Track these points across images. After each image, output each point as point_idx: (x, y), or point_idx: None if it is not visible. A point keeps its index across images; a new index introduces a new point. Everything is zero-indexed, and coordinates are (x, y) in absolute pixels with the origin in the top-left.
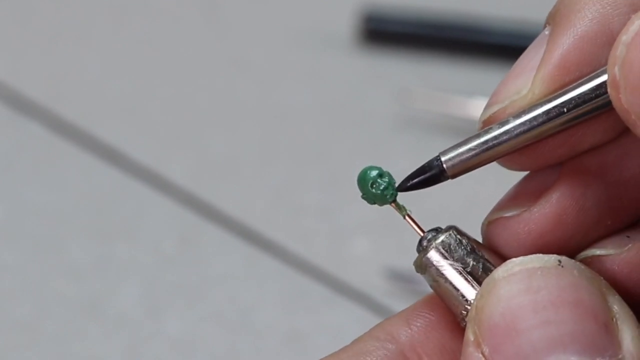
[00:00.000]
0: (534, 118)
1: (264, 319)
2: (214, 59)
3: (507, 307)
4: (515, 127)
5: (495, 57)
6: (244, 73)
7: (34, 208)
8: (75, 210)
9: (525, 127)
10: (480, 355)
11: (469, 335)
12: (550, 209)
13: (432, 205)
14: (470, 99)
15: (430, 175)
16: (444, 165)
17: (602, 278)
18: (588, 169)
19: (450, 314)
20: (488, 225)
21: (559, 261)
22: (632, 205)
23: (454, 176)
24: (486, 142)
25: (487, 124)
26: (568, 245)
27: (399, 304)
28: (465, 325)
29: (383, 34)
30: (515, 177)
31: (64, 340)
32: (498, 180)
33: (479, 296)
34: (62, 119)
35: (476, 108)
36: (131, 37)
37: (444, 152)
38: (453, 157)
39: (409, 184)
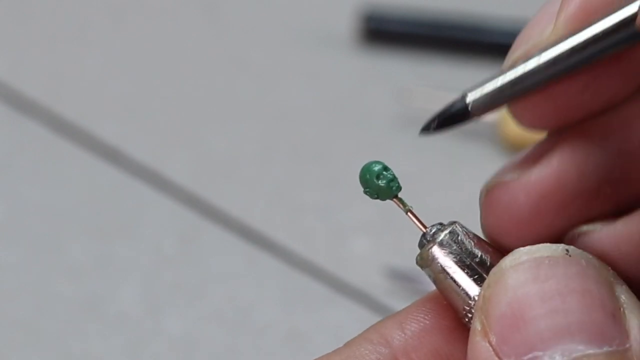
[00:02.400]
0: (559, 54)
1: (264, 318)
2: (214, 59)
3: (514, 296)
4: (540, 64)
5: (495, 57)
6: (244, 72)
7: (34, 208)
8: (75, 210)
9: (550, 62)
10: (488, 345)
11: (476, 324)
12: (551, 170)
13: (431, 206)
14: None
15: (455, 114)
16: (469, 104)
17: (609, 268)
18: (590, 136)
19: (446, 317)
20: (487, 192)
21: (567, 250)
22: (632, 177)
23: (478, 115)
24: (511, 79)
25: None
26: (568, 212)
27: (399, 303)
28: (467, 320)
29: (383, 33)
30: None
31: (64, 340)
32: None
33: (486, 286)
34: (62, 119)
35: None
36: (131, 36)
37: (469, 90)
38: (478, 96)
39: (433, 125)
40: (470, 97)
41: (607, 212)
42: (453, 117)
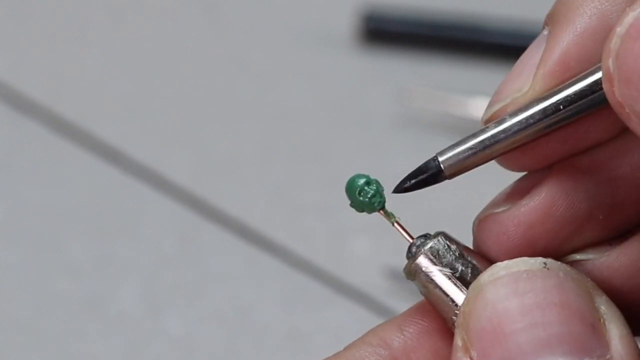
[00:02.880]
0: (531, 116)
1: (264, 318)
2: (214, 59)
3: (493, 311)
4: (512, 126)
5: (495, 57)
6: (244, 72)
7: (34, 208)
8: (75, 210)
9: (522, 125)
10: None
11: (457, 340)
12: (540, 201)
13: (427, 208)
14: (470, 98)
15: (428, 175)
16: (442, 166)
17: (588, 279)
18: (579, 166)
19: (443, 319)
20: (479, 222)
21: (545, 263)
22: (624, 202)
23: (451, 176)
24: (483, 141)
25: (489, 123)
26: (559, 240)
27: (399, 304)
28: None
29: (383, 33)
30: (511, 180)
31: (64, 340)
32: (493, 184)
33: (465, 302)
34: (62, 119)
35: (476, 107)
36: (131, 36)
37: (441, 152)
38: (450, 157)
39: (406, 185)
40: (442, 158)
41: (600, 237)
42: (426, 178)
